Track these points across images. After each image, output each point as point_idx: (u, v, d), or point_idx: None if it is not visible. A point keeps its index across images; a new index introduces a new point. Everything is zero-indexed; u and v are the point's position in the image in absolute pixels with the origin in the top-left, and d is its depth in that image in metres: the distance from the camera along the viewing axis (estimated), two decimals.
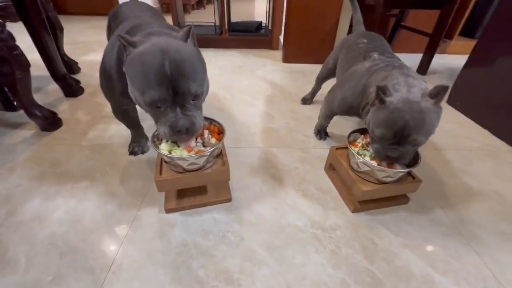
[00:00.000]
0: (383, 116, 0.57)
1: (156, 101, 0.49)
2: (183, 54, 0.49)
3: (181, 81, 0.48)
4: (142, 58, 0.48)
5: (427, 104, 0.55)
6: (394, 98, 0.57)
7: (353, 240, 0.61)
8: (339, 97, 0.77)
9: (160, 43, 0.49)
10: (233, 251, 0.58)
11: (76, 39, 2.12)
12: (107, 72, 0.62)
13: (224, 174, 0.63)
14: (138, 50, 0.49)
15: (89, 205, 0.68)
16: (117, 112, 0.76)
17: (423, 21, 1.79)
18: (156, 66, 0.47)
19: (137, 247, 0.58)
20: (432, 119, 0.55)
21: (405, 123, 0.55)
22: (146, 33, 0.55)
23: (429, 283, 0.53)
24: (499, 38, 1.04)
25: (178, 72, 0.48)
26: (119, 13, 0.78)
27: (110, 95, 0.68)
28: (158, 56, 0.47)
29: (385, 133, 0.58)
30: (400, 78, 0.60)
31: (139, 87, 0.49)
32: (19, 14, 1.00)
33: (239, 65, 1.69)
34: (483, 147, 0.97)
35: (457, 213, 0.70)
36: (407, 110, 0.55)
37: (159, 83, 0.47)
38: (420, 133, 0.55)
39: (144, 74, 0.47)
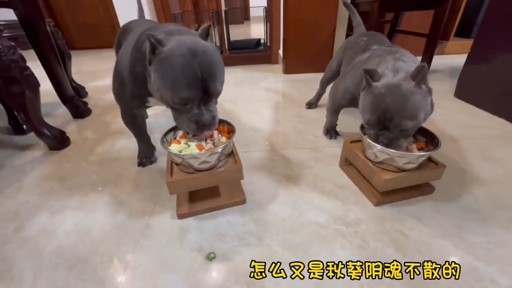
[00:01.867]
0: (367, 101, 0.58)
1: (186, 100, 0.52)
2: (210, 55, 0.52)
3: (210, 82, 0.51)
4: (174, 59, 0.49)
5: (409, 86, 0.54)
6: (380, 82, 0.57)
7: (381, 234, 0.57)
8: (342, 88, 0.77)
9: (187, 43, 0.50)
10: (253, 253, 0.54)
11: (83, 69, 2.20)
12: (120, 74, 0.64)
13: (237, 172, 0.60)
14: (169, 50, 0.49)
15: (98, 216, 0.65)
16: (126, 116, 0.76)
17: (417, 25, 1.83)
18: (188, 68, 0.49)
19: (149, 255, 0.54)
20: (415, 101, 0.54)
21: (386, 107, 0.55)
22: (165, 31, 0.55)
23: (473, 272, 0.48)
24: (495, 34, 1.07)
25: (208, 74, 0.51)
26: (129, 27, 0.82)
27: (121, 96, 0.69)
28: (189, 58, 0.49)
29: (370, 118, 0.58)
30: (390, 62, 0.61)
31: (171, 87, 0.50)
32: (31, 42, 1.04)
33: (241, 79, 1.72)
34: (502, 134, 0.93)
35: (488, 199, 0.65)
36: (388, 94, 0.55)
37: (191, 84, 0.50)
38: (403, 116, 0.55)
39: (176, 75, 0.49)
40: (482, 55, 1.13)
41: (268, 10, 1.93)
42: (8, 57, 0.78)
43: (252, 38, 2.20)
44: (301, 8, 1.59)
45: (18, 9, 0.97)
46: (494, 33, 1.07)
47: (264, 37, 2.10)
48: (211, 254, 0.53)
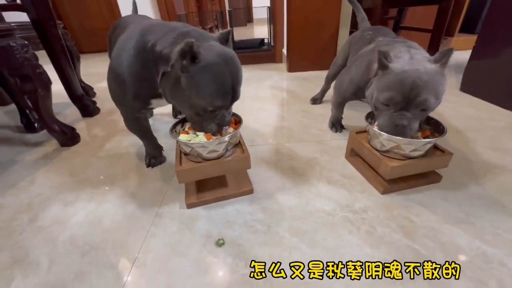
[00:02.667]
0: (388, 80, 0.56)
1: (219, 107, 0.54)
2: (237, 63, 0.54)
3: (237, 89, 0.55)
4: (213, 69, 0.50)
5: (433, 66, 0.54)
6: (397, 63, 0.56)
7: (388, 220, 0.57)
8: (347, 79, 0.77)
9: (218, 51, 0.51)
10: (261, 239, 0.55)
11: (90, 71, 2.25)
12: (119, 77, 0.59)
13: (245, 161, 0.61)
14: (207, 60, 0.49)
15: (109, 207, 0.66)
16: (129, 121, 0.73)
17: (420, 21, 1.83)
18: (225, 78, 0.51)
19: (160, 242, 0.55)
20: (440, 80, 0.54)
21: (412, 82, 0.53)
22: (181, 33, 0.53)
23: (482, 256, 0.48)
24: (498, 29, 1.07)
25: (236, 81, 0.54)
26: (119, 24, 0.78)
27: (121, 100, 0.66)
28: (224, 67, 0.51)
29: (392, 95, 0.56)
30: (403, 48, 0.61)
31: (208, 96, 0.52)
32: (42, 42, 1.07)
33: (246, 78, 1.73)
34: (509, 126, 0.93)
35: (495, 186, 0.65)
36: (413, 71, 0.54)
37: (226, 93, 0.53)
38: (430, 92, 0.53)
39: (215, 85, 0.51)
40: (486, 50, 1.13)
41: (272, 10, 1.95)
42: (22, 55, 0.81)
43: (256, 38, 2.22)
44: (305, 7, 1.60)
45: (30, 12, 1.00)
46: (497, 28, 1.08)
47: (268, 36, 2.12)
48: (220, 240, 0.54)
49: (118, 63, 0.59)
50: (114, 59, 0.60)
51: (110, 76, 0.63)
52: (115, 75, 0.60)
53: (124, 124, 0.74)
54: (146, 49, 0.55)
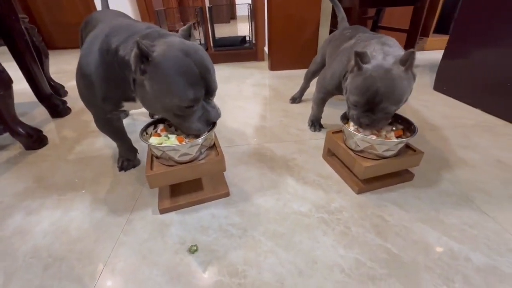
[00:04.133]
0: (357, 83, 0.59)
1: (193, 101, 0.50)
2: (201, 53, 0.51)
3: (209, 78, 0.51)
4: (170, 62, 0.47)
5: (399, 71, 0.55)
6: (370, 65, 0.58)
7: (362, 220, 0.58)
8: (329, 73, 0.78)
9: (176, 44, 0.49)
10: (235, 243, 0.53)
11: (63, 68, 2.13)
12: (87, 78, 0.57)
13: (219, 164, 0.60)
14: (160, 55, 0.47)
15: (76, 215, 0.63)
16: (100, 122, 0.70)
17: (398, 21, 1.89)
18: (187, 68, 0.48)
19: (130, 250, 0.53)
20: (403, 87, 0.56)
21: (376, 90, 0.56)
22: (141, 35, 0.51)
23: (449, 253, 0.49)
24: (468, 30, 1.11)
25: (205, 70, 0.50)
26: (91, 20, 0.75)
27: (91, 102, 0.63)
28: (184, 57, 0.48)
29: (358, 100, 0.59)
30: (377, 46, 0.62)
31: (174, 91, 0.48)
32: (3, 38, 1.00)
33: (228, 76, 1.71)
34: (478, 124, 0.97)
35: (465, 183, 0.67)
36: (379, 78, 0.56)
37: (195, 83, 0.49)
38: (390, 101, 0.57)
39: (177, 77, 0.47)
40: (457, 50, 1.18)
41: (253, 7, 1.93)
42: None
43: (237, 36, 2.19)
44: (285, 5, 1.59)
45: None
46: (467, 29, 1.12)
47: (249, 34, 2.09)
48: (193, 246, 0.52)
49: (85, 63, 0.57)
50: (82, 58, 0.57)
51: (78, 76, 0.60)
52: (83, 75, 0.58)
53: (95, 124, 0.71)
54: (110, 53, 0.54)
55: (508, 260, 0.48)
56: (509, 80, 0.96)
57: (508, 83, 0.96)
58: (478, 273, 0.45)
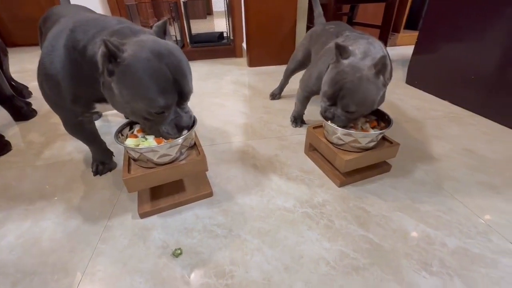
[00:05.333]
0: (331, 75, 0.61)
1: (164, 107, 0.47)
2: (176, 55, 0.48)
3: (183, 82, 0.48)
4: (140, 66, 0.43)
5: (369, 74, 0.57)
6: (347, 60, 0.59)
7: (345, 212, 0.59)
8: (315, 72, 0.78)
9: (148, 45, 0.45)
10: (221, 244, 0.52)
11: (26, 67, 1.97)
12: (52, 78, 0.52)
13: (201, 163, 0.58)
14: (131, 56, 0.43)
15: (47, 225, 0.58)
16: (69, 125, 0.65)
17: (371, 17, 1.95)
18: (158, 73, 0.45)
19: (109, 259, 0.50)
20: (367, 89, 0.58)
21: (342, 85, 0.58)
22: (109, 32, 0.48)
23: (426, 239, 0.52)
24: (436, 26, 1.17)
25: (179, 74, 0.47)
26: (51, 15, 0.68)
27: (58, 105, 0.58)
28: (155, 61, 0.44)
29: (326, 90, 0.62)
30: (362, 45, 0.62)
31: (143, 97, 0.45)
32: None
33: (205, 73, 1.67)
34: (446, 115, 1.03)
35: (437, 171, 0.71)
36: (349, 75, 0.57)
37: (166, 89, 0.46)
38: (352, 99, 0.59)
39: (147, 83, 0.44)
40: (426, 46, 1.24)
41: (229, 2, 1.89)
42: None
43: (214, 32, 2.15)
44: (262, 0, 1.58)
45: None
46: (435, 26, 1.18)
47: (227, 30, 2.06)
48: (177, 250, 0.51)
49: (49, 62, 0.52)
50: (45, 56, 0.52)
51: (41, 77, 0.54)
52: (47, 75, 0.53)
53: (64, 128, 0.66)
54: (77, 50, 0.49)
55: (477, 242, 0.51)
56: (473, 73, 1.02)
57: (472, 76, 1.03)
58: (452, 256, 0.48)
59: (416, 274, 0.46)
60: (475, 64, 1.01)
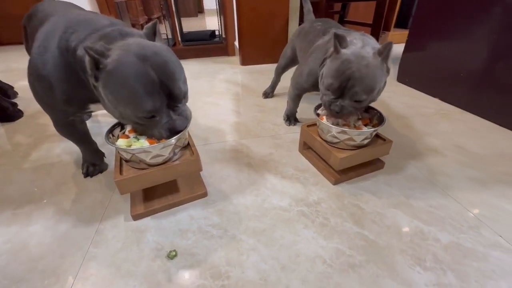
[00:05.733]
0: (334, 66, 0.59)
1: (151, 111, 0.46)
2: (162, 55, 0.46)
3: (171, 84, 0.46)
4: (123, 70, 0.42)
5: (375, 60, 0.57)
6: (348, 50, 0.59)
7: (340, 210, 0.59)
8: (306, 70, 0.78)
9: (133, 48, 0.44)
10: (216, 244, 0.52)
11: (11, 66, 1.91)
12: (44, 80, 0.51)
13: (195, 163, 0.57)
14: (115, 61, 0.42)
15: (36, 229, 0.57)
16: (61, 125, 0.64)
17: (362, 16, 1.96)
18: (142, 75, 0.43)
19: (101, 263, 0.49)
20: (376, 75, 0.58)
21: (350, 74, 0.57)
22: (100, 35, 0.47)
23: (419, 234, 0.53)
24: (426, 25, 1.19)
25: (165, 76, 0.45)
26: (36, 12, 0.66)
27: (50, 105, 0.57)
28: (139, 64, 0.43)
29: (332, 82, 0.60)
30: (357, 36, 0.63)
31: (129, 102, 0.44)
32: None
33: (198, 72, 1.66)
34: (437, 112, 1.05)
35: (429, 168, 0.72)
36: (355, 63, 0.56)
37: (151, 92, 0.44)
38: (362, 86, 0.57)
39: (131, 87, 0.43)
40: (416, 44, 1.26)
41: (221, 0, 1.88)
42: None
43: (206, 30, 2.13)
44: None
45: None
46: (424, 24, 1.19)
47: (219, 28, 2.04)
48: (172, 252, 0.50)
49: (41, 63, 0.51)
50: (36, 57, 0.51)
51: (33, 77, 0.53)
52: (39, 77, 0.52)
53: (55, 128, 0.64)
54: (70, 51, 0.49)
55: (469, 236, 0.52)
56: (461, 71, 1.04)
57: (461, 73, 1.05)
58: (445, 251, 0.49)
59: (411, 270, 0.46)
60: (463, 62, 1.03)
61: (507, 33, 0.88)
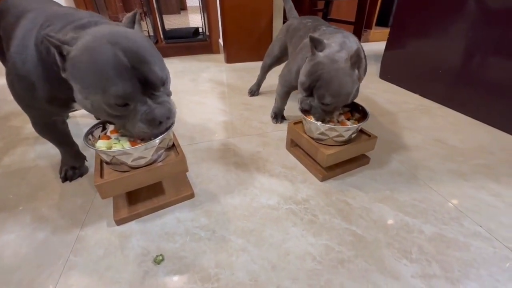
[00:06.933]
0: (308, 67, 0.62)
1: (122, 97, 0.42)
2: (134, 40, 0.43)
3: (144, 68, 0.43)
4: (88, 54, 0.40)
5: (345, 65, 0.59)
6: (323, 53, 0.61)
7: (328, 206, 0.60)
8: (294, 67, 0.78)
9: (103, 33, 0.41)
10: (205, 246, 0.51)
11: None
12: (25, 79, 0.49)
13: (181, 164, 0.56)
14: (78, 47, 0.40)
15: (10, 238, 0.53)
16: (41, 126, 0.61)
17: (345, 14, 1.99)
18: (110, 58, 0.40)
19: (83, 271, 0.47)
20: (343, 80, 0.59)
21: (319, 76, 0.59)
22: (74, 26, 0.45)
23: (405, 227, 0.54)
24: (405, 23, 1.23)
25: (138, 59, 0.42)
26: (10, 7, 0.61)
27: (31, 106, 0.54)
28: (107, 47, 0.40)
29: (303, 80, 0.63)
30: (338, 39, 0.63)
31: (97, 86, 0.41)
32: None
33: (181, 70, 1.62)
34: (417, 107, 1.08)
35: (411, 162, 0.74)
36: (325, 65, 0.59)
37: (120, 75, 0.41)
38: (328, 89, 0.59)
39: (97, 72, 0.40)
40: (397, 42, 1.29)
41: None
42: None
43: (189, 27, 2.08)
44: None
45: None
46: (404, 22, 1.23)
47: (202, 25, 2.01)
48: (158, 256, 0.48)
49: (20, 62, 0.48)
50: (15, 56, 0.48)
51: (12, 77, 0.50)
52: (18, 76, 0.49)
53: (34, 128, 0.61)
54: (44, 46, 0.46)
55: (451, 227, 0.54)
56: (440, 67, 1.08)
57: (439, 70, 1.08)
58: (430, 243, 0.51)
59: (397, 262, 0.47)
60: (441, 59, 1.07)
61: (481, 30, 0.92)
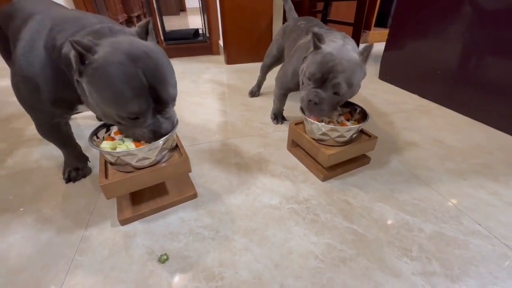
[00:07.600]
0: (317, 59, 0.62)
1: (135, 113, 0.44)
2: (154, 58, 0.44)
3: (160, 89, 0.45)
4: (110, 69, 0.40)
5: (357, 58, 0.61)
6: (329, 46, 0.62)
7: (329, 205, 0.60)
8: (289, 70, 0.79)
9: (124, 47, 0.42)
10: (208, 246, 0.51)
11: None
12: (31, 81, 0.50)
13: (184, 165, 0.56)
14: (102, 58, 0.40)
15: (15, 240, 0.53)
16: (44, 128, 0.61)
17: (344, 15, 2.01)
18: (130, 77, 0.41)
19: (88, 271, 0.47)
20: (357, 71, 0.61)
21: (333, 65, 0.59)
22: (87, 32, 0.45)
23: (405, 226, 0.55)
24: (404, 24, 1.24)
25: (156, 80, 0.44)
26: (15, 11, 0.61)
27: (35, 107, 0.55)
28: (129, 64, 0.41)
29: (314, 72, 0.61)
30: (338, 35, 0.67)
31: (113, 102, 0.43)
32: None
33: (182, 71, 1.63)
34: (416, 108, 1.09)
35: (411, 162, 0.75)
36: (338, 56, 0.60)
37: (138, 95, 0.43)
38: (343, 77, 0.59)
39: (117, 88, 0.41)
40: (396, 43, 1.30)
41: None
42: None
43: (189, 28, 2.09)
44: None
45: None
46: (403, 23, 1.24)
47: (202, 27, 2.02)
48: (163, 256, 0.49)
49: (26, 63, 0.49)
50: (22, 58, 0.49)
51: (18, 78, 0.51)
52: (24, 77, 0.50)
53: (37, 130, 0.62)
54: (56, 50, 0.47)
55: (451, 226, 0.55)
56: (438, 68, 1.09)
57: (438, 70, 1.10)
58: (430, 241, 0.51)
59: (398, 260, 0.48)
60: (440, 59, 1.08)
61: (477, 31, 0.93)
